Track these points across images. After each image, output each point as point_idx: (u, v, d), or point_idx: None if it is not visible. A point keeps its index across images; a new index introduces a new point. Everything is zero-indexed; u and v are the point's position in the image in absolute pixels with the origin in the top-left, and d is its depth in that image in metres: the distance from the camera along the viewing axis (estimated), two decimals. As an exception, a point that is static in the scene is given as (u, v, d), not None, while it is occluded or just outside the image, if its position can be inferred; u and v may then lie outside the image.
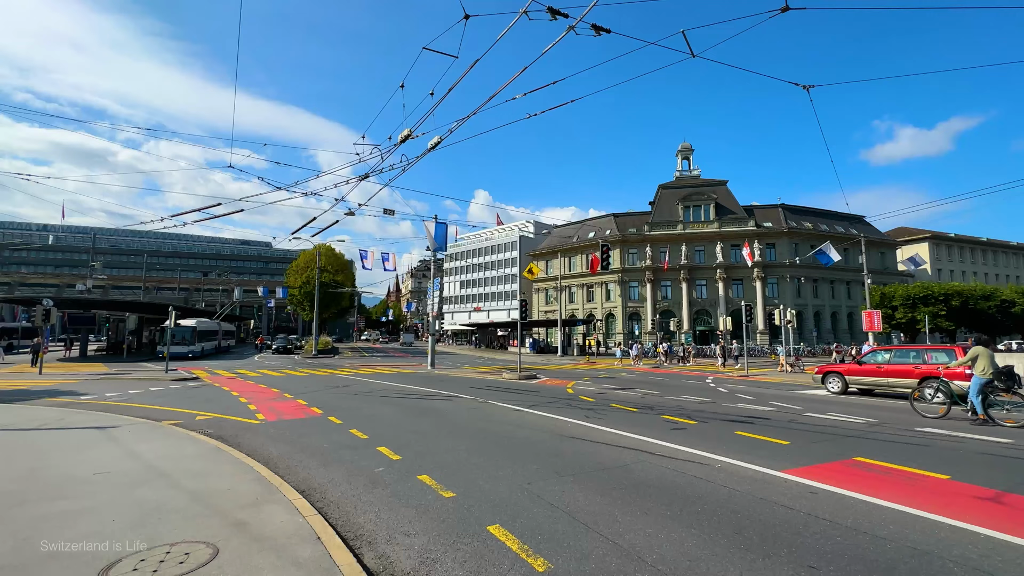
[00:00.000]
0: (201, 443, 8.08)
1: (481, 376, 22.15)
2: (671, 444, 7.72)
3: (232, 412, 11.87)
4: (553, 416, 10.69)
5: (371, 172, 11.11)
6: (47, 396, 15.33)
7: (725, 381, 20.11)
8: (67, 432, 9.14)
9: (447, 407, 12.40)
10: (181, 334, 34.05)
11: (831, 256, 32.99)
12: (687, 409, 11.70)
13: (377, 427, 9.71)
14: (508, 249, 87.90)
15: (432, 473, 6.28)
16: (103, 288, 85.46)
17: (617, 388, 16.85)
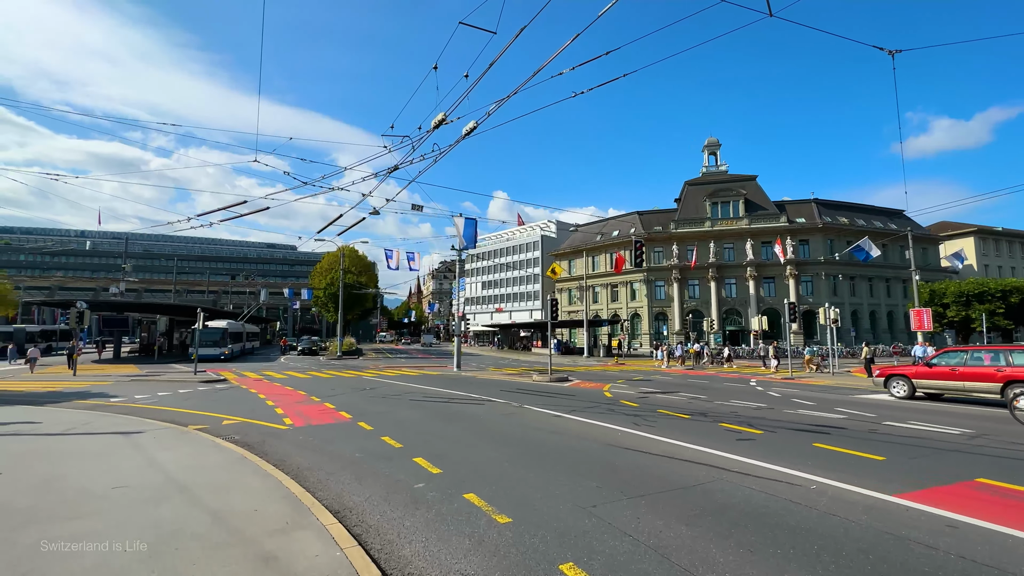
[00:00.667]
0: (226, 451, 7.55)
1: (509, 378, 21.42)
2: (744, 458, 6.82)
3: (259, 416, 11.41)
4: (598, 423, 9.86)
5: (400, 164, 10.49)
6: (78, 398, 15.26)
7: (772, 384, 18.89)
8: (91, 438, 8.76)
9: (480, 412, 11.70)
10: (213, 336, 33.66)
11: (869, 252, 31.19)
12: (745, 416, 10.71)
13: (410, 434, 9.06)
14: (530, 249, 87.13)
15: (479, 490, 5.55)
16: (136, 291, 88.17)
17: (657, 392, 15.88)
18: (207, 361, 30.51)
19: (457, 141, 9.17)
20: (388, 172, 10.82)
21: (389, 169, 10.80)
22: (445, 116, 8.41)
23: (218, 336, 34.12)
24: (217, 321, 36.02)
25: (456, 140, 9.21)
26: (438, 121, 8.50)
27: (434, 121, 8.59)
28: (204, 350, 31.20)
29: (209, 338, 32.94)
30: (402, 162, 10.41)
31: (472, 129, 8.57)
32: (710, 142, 68.48)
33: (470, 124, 8.56)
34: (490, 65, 7.24)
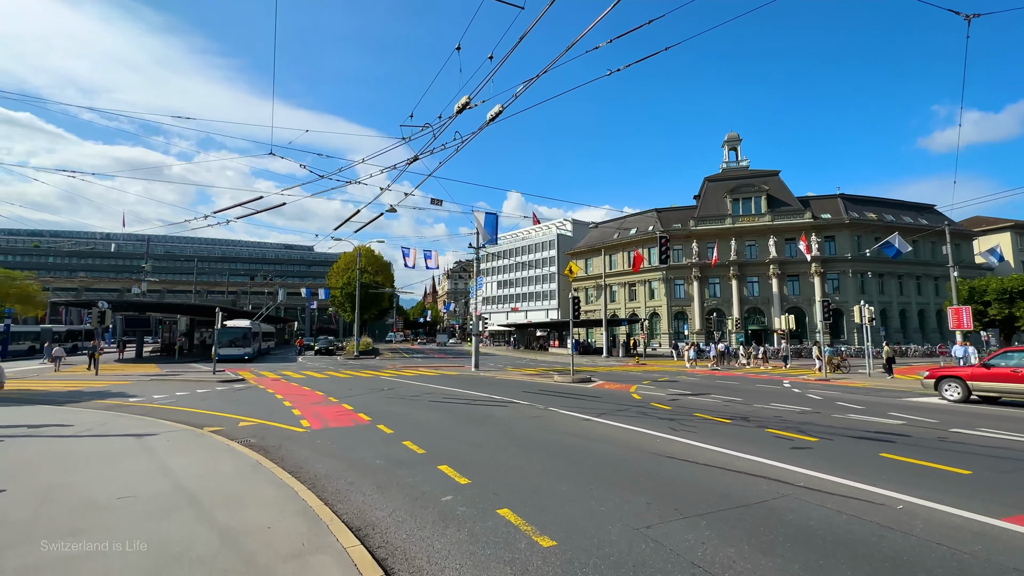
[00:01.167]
0: (241, 457, 7.12)
1: (530, 379, 20.83)
2: (805, 470, 6.12)
3: (276, 418, 11.04)
4: (631, 428, 9.22)
5: (420, 154, 9.99)
6: (98, 398, 15.17)
7: (808, 386, 17.96)
8: (104, 440, 8.45)
9: (504, 415, 11.14)
10: (236, 335, 32.60)
11: (899, 248, 29.78)
12: (791, 421, 9.94)
13: (432, 438, 8.55)
14: (545, 248, 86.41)
15: (515, 506, 4.99)
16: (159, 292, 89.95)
17: (688, 393, 15.12)
18: (230, 362, 29.74)
19: (481, 128, 8.62)
20: (408, 163, 10.33)
21: (408, 160, 10.31)
22: (469, 99, 7.86)
23: (241, 336, 33.03)
24: (238, 320, 35.24)
25: (480, 126, 8.66)
26: (461, 105, 7.96)
27: (457, 105, 8.05)
28: (227, 350, 30.56)
29: (232, 338, 32.13)
30: (422, 152, 9.91)
31: (498, 114, 8.01)
32: (730, 137, 66.92)
33: (495, 108, 8.01)
34: (519, 40, 6.66)
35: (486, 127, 8.48)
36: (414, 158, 10.15)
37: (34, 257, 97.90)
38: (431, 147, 9.75)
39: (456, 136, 9.31)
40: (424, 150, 9.84)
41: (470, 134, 9.03)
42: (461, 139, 9.31)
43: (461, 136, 9.31)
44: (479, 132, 8.76)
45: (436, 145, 9.50)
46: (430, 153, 9.80)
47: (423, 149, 9.86)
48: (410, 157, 10.23)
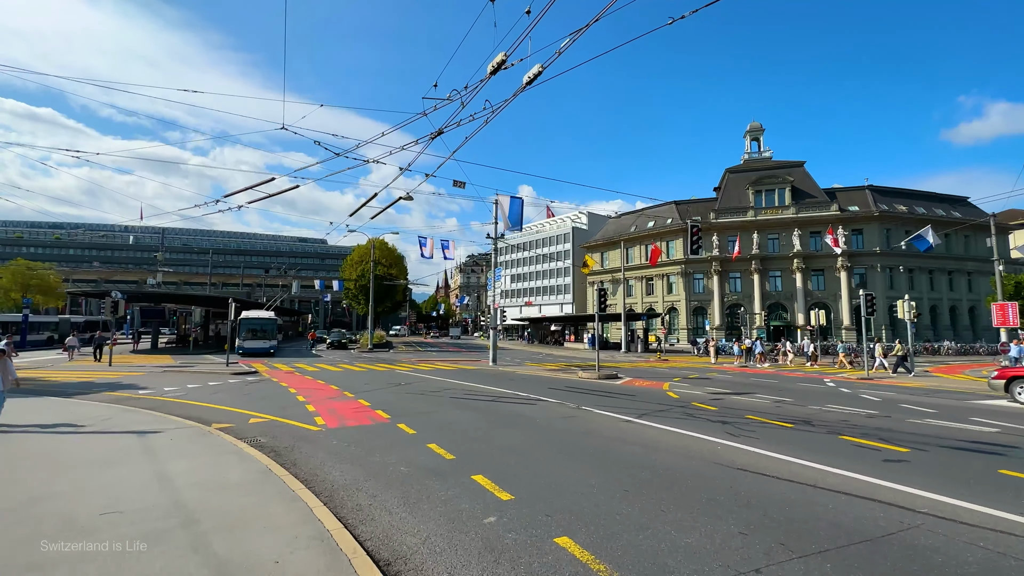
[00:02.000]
0: (249, 461, 6.31)
1: (552, 375, 19.91)
2: (917, 491, 5.10)
3: (289, 414, 10.27)
4: (682, 432, 8.24)
5: (446, 127, 9.04)
6: (108, 389, 14.64)
7: (856, 386, 16.73)
8: (103, 439, 7.73)
9: (535, 414, 10.23)
10: (261, 326, 30.12)
11: (930, 241, 28.09)
12: (864, 426, 8.84)
13: (461, 441, 7.67)
14: (560, 242, 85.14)
15: (575, 533, 4.07)
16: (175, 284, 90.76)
17: (729, 392, 14.04)
18: (254, 355, 27.89)
19: (517, 93, 7.64)
20: (431, 137, 9.39)
21: (432, 134, 9.37)
22: (506, 57, 6.88)
23: (267, 327, 30.34)
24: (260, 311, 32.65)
25: (515, 91, 7.68)
26: (497, 64, 6.99)
27: (491, 65, 7.07)
28: (251, 343, 28.95)
29: (257, 329, 29.88)
30: (447, 124, 8.95)
31: (537, 75, 7.02)
32: (752, 127, 64.85)
33: (534, 69, 7.01)
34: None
35: (523, 92, 7.50)
36: (438, 132, 9.21)
37: (55, 249, 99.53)
38: (457, 118, 8.80)
39: (486, 105, 8.34)
40: (450, 122, 8.89)
41: (503, 102, 8.05)
42: (491, 109, 8.34)
43: (492, 106, 8.34)
44: (514, 98, 7.77)
45: (464, 116, 8.53)
46: (456, 125, 8.84)
47: (448, 121, 8.91)
48: (433, 132, 9.29)
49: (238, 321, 28.25)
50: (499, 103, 8.24)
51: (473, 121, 8.54)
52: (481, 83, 7.61)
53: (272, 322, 30.62)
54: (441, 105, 8.49)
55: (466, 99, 8.10)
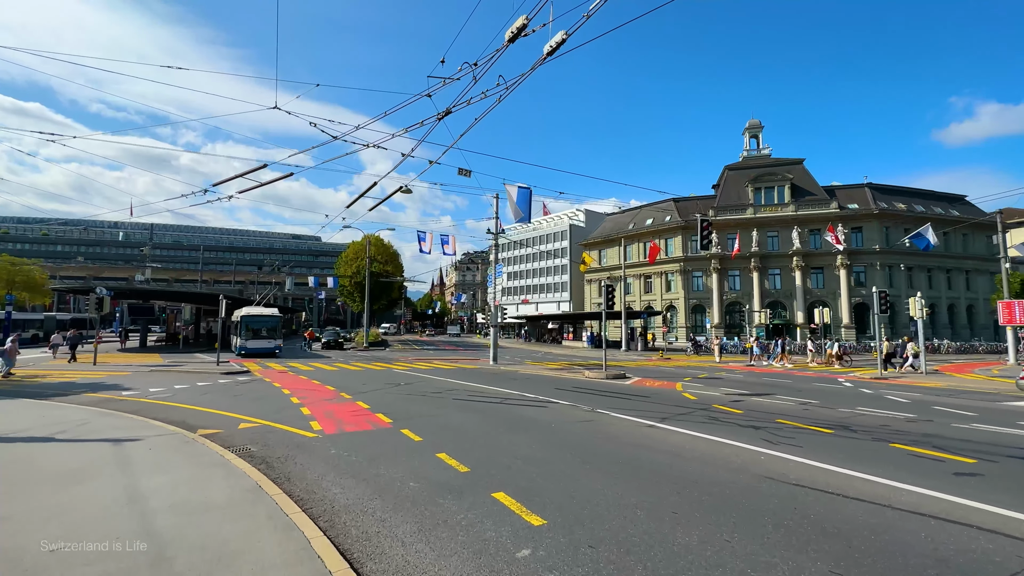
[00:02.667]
0: (237, 475, 5.55)
1: (557, 374, 19.24)
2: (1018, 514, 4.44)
3: (282, 418, 9.51)
4: (713, 438, 7.57)
5: (454, 106, 8.30)
6: (89, 390, 13.80)
7: (876, 386, 16.18)
8: (75, 448, 6.94)
9: (548, 418, 9.53)
10: (265, 324, 27.54)
11: (930, 240, 27.67)
12: (908, 432, 8.20)
13: (472, 449, 6.96)
14: (557, 239, 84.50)
15: (633, 570, 3.37)
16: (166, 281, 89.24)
17: (748, 393, 13.40)
18: (257, 356, 25.76)
19: (537, 64, 6.90)
20: (438, 117, 8.62)
21: (439, 114, 8.61)
22: (527, 22, 6.14)
23: (271, 325, 27.81)
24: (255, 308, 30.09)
25: (534, 63, 6.95)
26: (516, 30, 6.24)
27: (509, 32, 6.33)
28: (254, 342, 26.66)
29: (259, 327, 27.39)
30: (457, 102, 8.20)
31: (560, 43, 6.29)
32: (751, 124, 64.48)
33: (557, 36, 6.28)
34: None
35: (543, 64, 6.77)
36: (446, 112, 8.45)
37: (43, 245, 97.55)
38: (468, 96, 8.04)
39: (500, 81, 7.60)
40: (459, 100, 8.14)
41: (519, 76, 7.32)
42: (506, 84, 7.60)
43: (506, 81, 7.60)
44: (532, 72, 7.04)
45: (475, 93, 7.78)
46: (467, 104, 8.09)
47: (458, 99, 8.16)
48: (440, 112, 8.53)
49: (238, 319, 26.26)
50: (514, 79, 7.50)
51: (485, 99, 7.80)
52: (497, 53, 6.87)
53: (276, 319, 28.26)
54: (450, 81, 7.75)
55: (479, 73, 7.36)
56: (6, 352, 17.42)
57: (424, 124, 8.84)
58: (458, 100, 8.20)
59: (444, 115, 8.49)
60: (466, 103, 8.10)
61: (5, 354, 17.35)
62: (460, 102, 8.16)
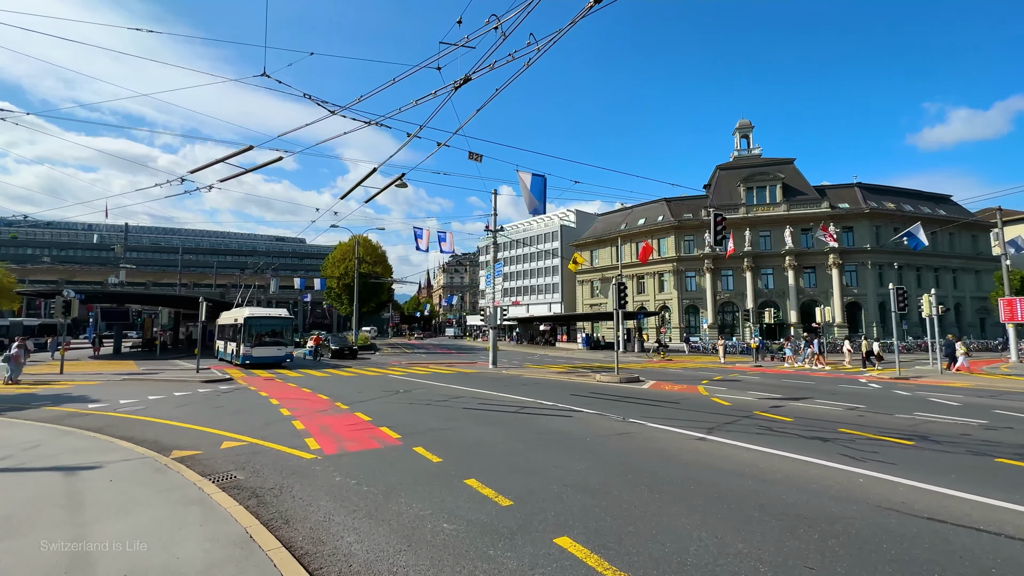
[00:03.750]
0: (219, 520, 4.33)
1: (565, 378, 18.16)
2: None
3: (273, 435, 8.23)
4: (783, 454, 6.54)
5: (474, 71, 7.16)
6: (51, 403, 12.30)
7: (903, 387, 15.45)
8: (16, 479, 5.63)
9: (579, 431, 8.42)
10: (273, 327, 22.91)
11: (921, 239, 27.33)
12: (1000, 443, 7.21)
13: (507, 473, 5.82)
14: (548, 240, 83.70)
15: None
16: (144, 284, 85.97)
17: (782, 397, 12.42)
18: (265, 367, 21.69)
19: (577, 19, 5.81)
20: (455, 87, 7.46)
21: (456, 83, 7.44)
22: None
23: (280, 329, 23.15)
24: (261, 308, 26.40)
25: (575, 17, 5.85)
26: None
27: (554, -31, 5.23)
28: (262, 350, 21.93)
29: (267, 332, 22.56)
30: (478, 68, 7.05)
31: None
32: (742, 124, 64.59)
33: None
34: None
35: (587, 14, 5.68)
36: (464, 79, 7.30)
37: (11, 248, 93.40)
38: (491, 59, 6.92)
39: (530, 40, 6.50)
40: (481, 65, 7.01)
41: (555, 33, 6.22)
42: (537, 45, 6.50)
43: (536, 40, 6.50)
44: (571, 27, 5.93)
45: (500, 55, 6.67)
46: (490, 69, 6.96)
47: (480, 63, 7.03)
48: (458, 79, 7.38)
49: (242, 321, 22.03)
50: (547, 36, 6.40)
51: (512, 62, 6.68)
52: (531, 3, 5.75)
53: (287, 322, 23.81)
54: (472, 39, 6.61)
55: (508, 28, 6.23)
56: (11, 358, 16.71)
57: (437, 95, 7.68)
58: (479, 65, 7.08)
59: (463, 83, 7.33)
60: (489, 67, 6.97)
61: (11, 360, 16.69)
62: (482, 67, 7.04)
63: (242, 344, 21.46)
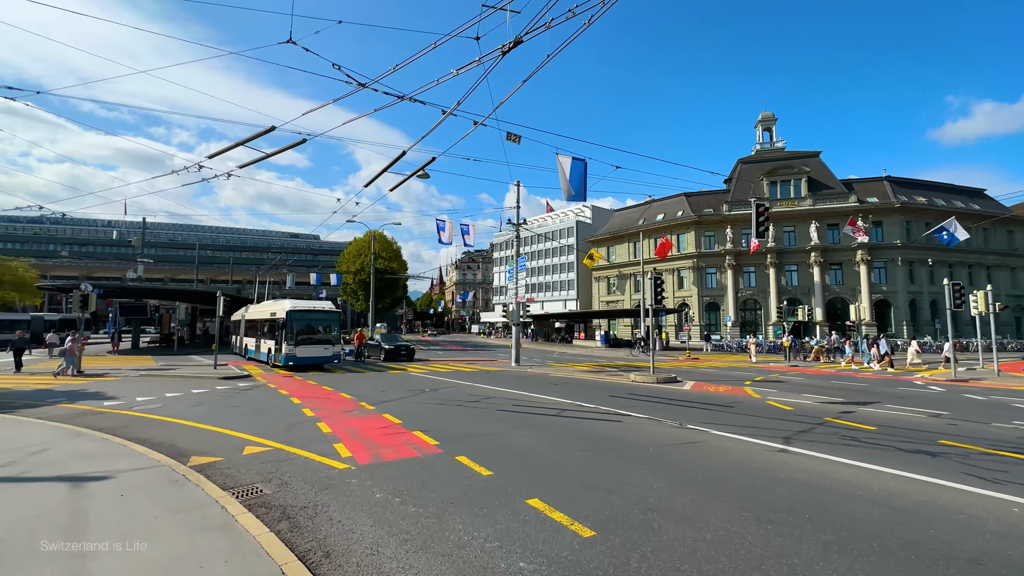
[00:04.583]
0: (247, 553, 3.56)
1: (595, 377, 17.28)
2: None
3: (297, 439, 7.51)
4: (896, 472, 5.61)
5: (526, 33, 6.31)
6: (66, 399, 11.80)
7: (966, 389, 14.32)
8: (16, 491, 4.95)
9: (634, 438, 7.56)
10: (318, 322, 20.05)
11: (956, 235, 25.54)
12: None
13: (574, 492, 4.99)
14: (563, 236, 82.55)
15: None
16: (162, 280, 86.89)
17: (845, 401, 11.39)
18: (308, 369, 19.01)
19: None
20: (502, 52, 6.60)
21: (503, 47, 6.58)
22: None
23: (327, 324, 20.32)
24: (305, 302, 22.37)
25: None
26: None
27: None
28: (306, 349, 19.14)
29: (313, 328, 19.86)
30: (531, 28, 6.18)
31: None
32: (764, 116, 62.75)
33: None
34: None
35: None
36: (515, 42, 6.44)
37: (34, 245, 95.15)
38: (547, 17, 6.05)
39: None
40: (535, 24, 6.14)
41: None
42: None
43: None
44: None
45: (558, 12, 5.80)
46: (545, 28, 6.10)
47: (532, 23, 6.17)
48: (507, 43, 6.53)
49: (283, 316, 19.28)
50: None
51: (575, 16, 5.80)
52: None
53: (335, 318, 20.79)
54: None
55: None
56: (67, 351, 16.87)
57: (482, 62, 6.82)
58: (532, 25, 6.21)
59: (512, 46, 6.46)
60: (544, 27, 6.09)
61: (66, 353, 16.83)
62: (536, 26, 6.17)
63: (284, 343, 18.64)
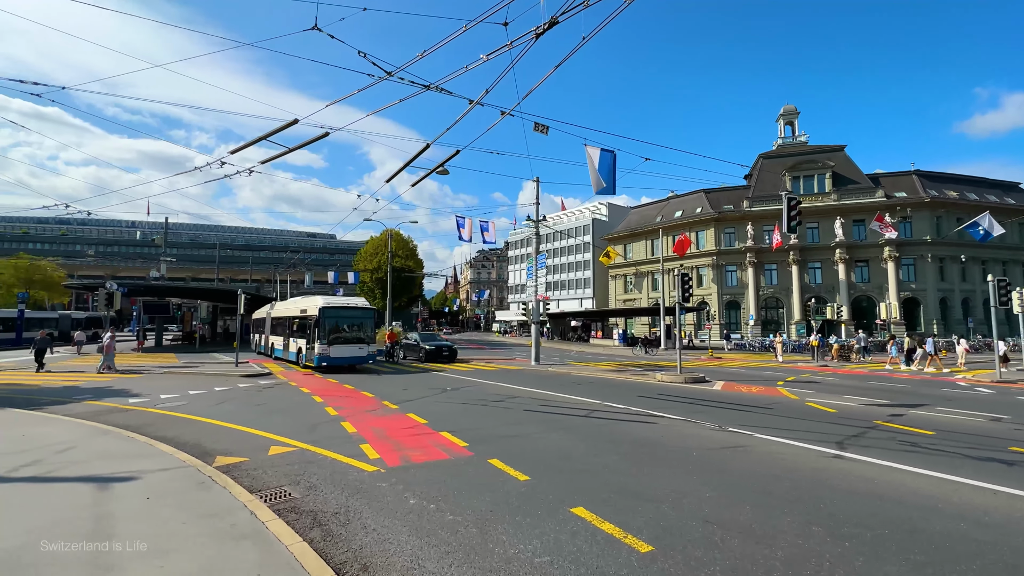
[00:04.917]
0: (283, 567, 3.30)
1: (619, 377, 16.85)
2: None
3: (323, 439, 7.30)
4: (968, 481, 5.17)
5: (565, 11, 5.95)
6: (92, 397, 11.84)
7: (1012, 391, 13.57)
8: (36, 495, 4.79)
9: (673, 441, 7.18)
10: (352, 320, 18.75)
11: (989, 230, 24.10)
12: None
13: (620, 500, 4.65)
14: (578, 234, 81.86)
15: None
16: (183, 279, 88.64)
17: (890, 403, 10.80)
18: (341, 371, 17.58)
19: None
20: (537, 34, 6.24)
21: (538, 28, 6.25)
22: None
23: (362, 321, 19.03)
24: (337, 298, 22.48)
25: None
26: None
27: None
28: (340, 348, 17.81)
29: (347, 326, 18.56)
30: (568, 7, 5.84)
31: None
32: (786, 110, 61.17)
33: None
34: None
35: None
36: (550, 22, 6.07)
37: (62, 245, 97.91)
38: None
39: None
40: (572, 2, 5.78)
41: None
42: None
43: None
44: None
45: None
46: (583, 7, 5.74)
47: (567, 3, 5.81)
48: (542, 23, 6.18)
49: (315, 313, 18.03)
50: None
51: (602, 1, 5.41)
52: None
53: (369, 315, 19.58)
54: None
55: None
56: (104, 348, 17.33)
57: (514, 46, 6.48)
58: (570, 5, 5.84)
59: (547, 27, 6.11)
60: (583, 5, 5.73)
61: (105, 351, 17.28)
62: (574, 5, 5.80)
63: (317, 342, 17.42)
